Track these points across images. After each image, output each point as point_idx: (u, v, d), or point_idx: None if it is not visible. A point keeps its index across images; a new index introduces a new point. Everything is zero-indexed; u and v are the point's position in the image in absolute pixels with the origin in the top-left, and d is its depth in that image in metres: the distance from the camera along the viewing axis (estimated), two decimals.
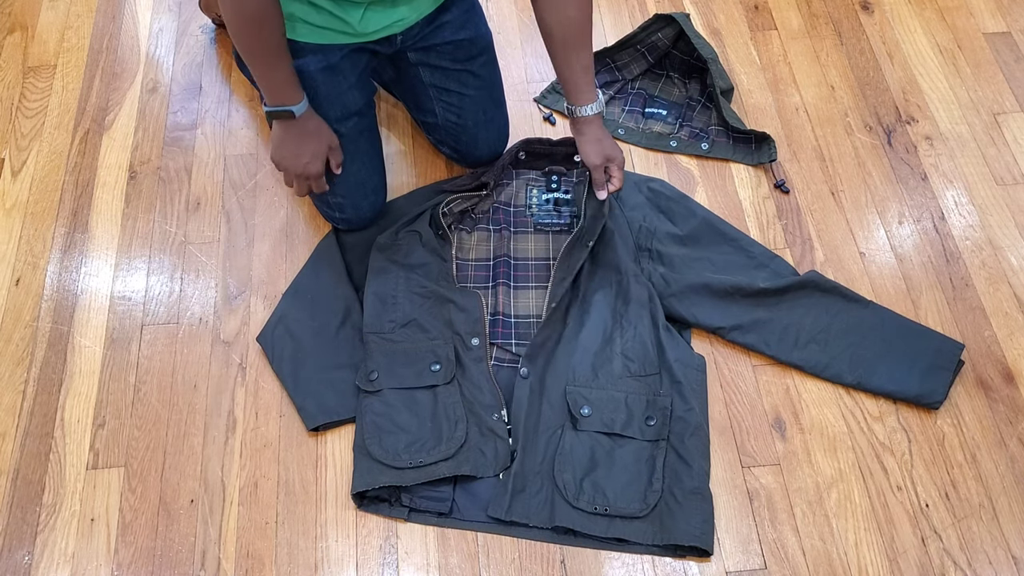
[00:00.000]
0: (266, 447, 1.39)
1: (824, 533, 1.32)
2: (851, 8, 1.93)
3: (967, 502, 1.34)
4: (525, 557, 1.30)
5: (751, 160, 1.69)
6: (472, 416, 1.36)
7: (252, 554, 1.30)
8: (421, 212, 1.55)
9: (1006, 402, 1.43)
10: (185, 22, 1.90)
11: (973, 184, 1.67)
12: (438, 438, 1.34)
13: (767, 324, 1.46)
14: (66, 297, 1.54)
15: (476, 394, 1.37)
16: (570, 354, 1.42)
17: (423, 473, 1.31)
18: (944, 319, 1.51)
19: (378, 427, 1.36)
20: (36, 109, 1.77)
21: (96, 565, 1.29)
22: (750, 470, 1.37)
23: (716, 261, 1.52)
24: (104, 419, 1.41)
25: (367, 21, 1.35)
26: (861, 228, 1.62)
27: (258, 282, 1.55)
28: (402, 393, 1.39)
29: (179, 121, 1.75)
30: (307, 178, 1.43)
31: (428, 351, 1.41)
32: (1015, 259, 1.58)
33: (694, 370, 1.41)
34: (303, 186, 1.45)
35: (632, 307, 1.44)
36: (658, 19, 1.75)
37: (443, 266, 1.50)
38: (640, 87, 1.80)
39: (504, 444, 1.34)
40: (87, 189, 1.66)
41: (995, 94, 1.79)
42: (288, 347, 1.45)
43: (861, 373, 1.42)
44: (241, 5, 1.22)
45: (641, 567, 1.29)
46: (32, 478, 1.36)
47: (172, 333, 1.50)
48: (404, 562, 1.30)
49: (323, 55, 1.38)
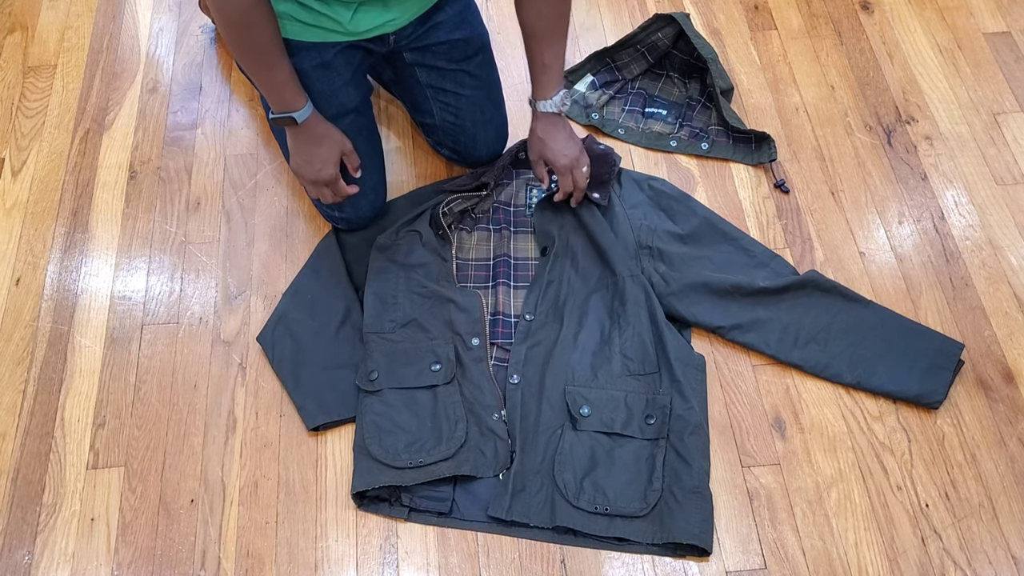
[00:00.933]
0: (266, 447, 1.39)
1: (824, 533, 1.32)
2: (851, 8, 1.93)
3: (967, 502, 1.34)
4: (525, 557, 1.30)
5: (751, 160, 1.69)
6: (472, 416, 1.36)
7: (252, 554, 1.30)
8: (421, 212, 1.55)
9: (1006, 402, 1.43)
10: (185, 22, 1.90)
11: (973, 184, 1.67)
12: (438, 438, 1.34)
13: (767, 323, 1.46)
14: (66, 297, 1.54)
15: (476, 394, 1.37)
16: (568, 354, 1.42)
17: (423, 473, 1.31)
18: (944, 319, 1.51)
19: (378, 427, 1.36)
20: (36, 109, 1.77)
21: (96, 565, 1.30)
22: (750, 470, 1.37)
23: (716, 260, 1.52)
24: (104, 419, 1.41)
25: (357, 21, 1.35)
26: (861, 228, 1.62)
27: (258, 282, 1.55)
28: (402, 393, 1.39)
29: (179, 121, 1.75)
30: (324, 184, 1.42)
31: (428, 351, 1.42)
32: (1015, 259, 1.58)
33: (694, 369, 1.41)
34: (325, 193, 1.44)
35: (629, 307, 1.44)
36: (658, 19, 1.75)
37: (443, 266, 1.50)
38: (640, 87, 1.80)
39: (504, 444, 1.34)
40: (87, 189, 1.66)
41: (995, 94, 1.79)
42: (288, 347, 1.45)
43: (861, 373, 1.42)
44: (226, 10, 1.21)
45: (641, 567, 1.29)
46: (32, 478, 1.36)
47: (172, 333, 1.50)
48: (404, 562, 1.30)
49: (316, 52, 1.38)
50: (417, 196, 1.62)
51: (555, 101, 1.42)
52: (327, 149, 1.40)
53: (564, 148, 1.45)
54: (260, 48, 1.27)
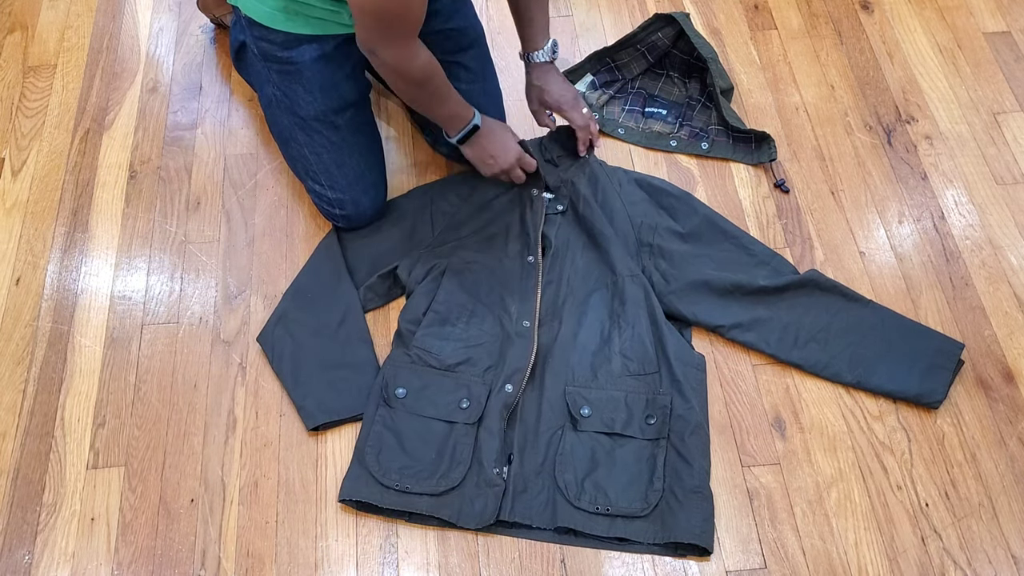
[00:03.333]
0: (266, 447, 1.39)
1: (824, 532, 1.32)
2: (851, 8, 1.93)
3: (967, 501, 1.34)
4: (525, 557, 1.30)
5: (751, 160, 1.69)
6: (475, 464, 1.32)
7: (252, 553, 1.30)
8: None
9: (1006, 402, 1.43)
10: (185, 22, 1.90)
11: (973, 183, 1.67)
12: (433, 471, 1.31)
13: (767, 322, 1.46)
14: (66, 297, 1.54)
15: (487, 440, 1.33)
16: (568, 354, 1.42)
17: (404, 500, 1.29)
18: (944, 318, 1.51)
19: (382, 440, 1.34)
20: (36, 109, 1.77)
21: (96, 564, 1.30)
22: (750, 469, 1.37)
23: (717, 258, 1.52)
24: (104, 418, 1.41)
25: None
26: (861, 228, 1.62)
27: (258, 282, 1.55)
28: (420, 419, 1.36)
29: (179, 121, 1.75)
30: (517, 162, 1.50)
31: (463, 385, 1.38)
32: (1015, 258, 1.58)
33: (694, 369, 1.41)
34: (518, 172, 1.52)
35: (629, 307, 1.44)
36: (658, 19, 1.75)
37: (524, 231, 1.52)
38: (640, 87, 1.80)
39: (495, 500, 1.29)
40: (87, 189, 1.66)
41: (995, 94, 1.79)
42: (288, 346, 1.45)
43: (861, 372, 1.42)
44: (408, 74, 1.30)
45: (641, 567, 1.29)
46: (32, 477, 1.36)
47: (172, 333, 1.50)
48: (404, 562, 1.30)
49: (317, 44, 1.39)
50: (420, 195, 1.62)
51: (546, 50, 1.51)
52: (504, 131, 1.50)
53: (563, 90, 1.54)
54: (437, 92, 1.37)
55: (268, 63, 1.45)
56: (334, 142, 1.49)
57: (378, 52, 1.27)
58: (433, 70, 1.33)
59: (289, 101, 1.46)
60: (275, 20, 1.38)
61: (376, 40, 1.26)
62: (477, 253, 1.51)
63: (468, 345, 1.42)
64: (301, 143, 1.50)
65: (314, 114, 1.46)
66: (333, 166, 1.50)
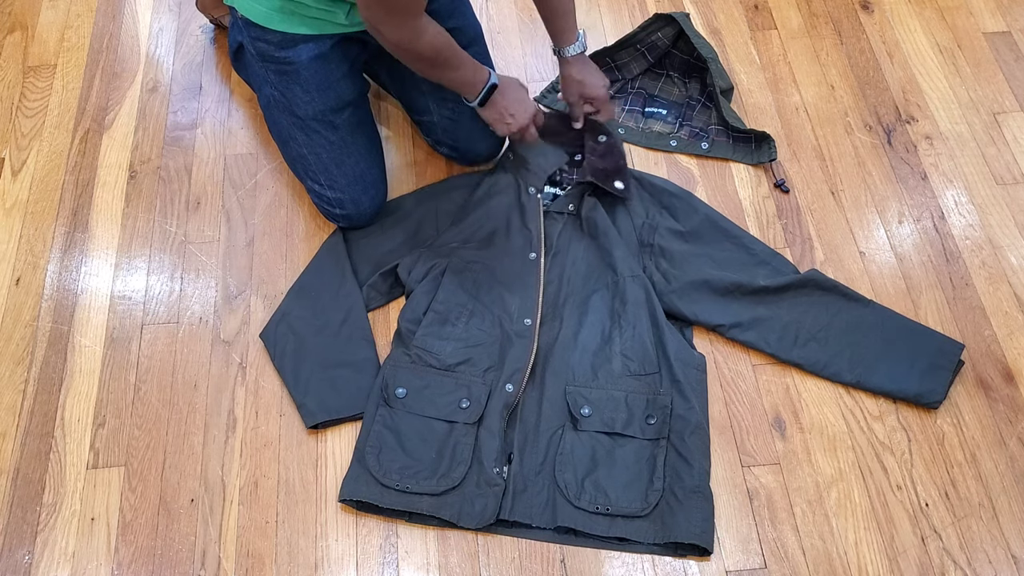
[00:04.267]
0: (266, 446, 1.39)
1: (824, 532, 1.32)
2: (851, 8, 1.93)
3: (967, 501, 1.34)
4: (525, 556, 1.30)
5: (751, 159, 1.69)
6: (476, 464, 1.32)
7: (252, 553, 1.30)
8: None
9: (1006, 402, 1.43)
10: (185, 22, 1.90)
11: (973, 183, 1.67)
12: (434, 471, 1.31)
13: (767, 322, 1.46)
14: (66, 297, 1.54)
15: (487, 440, 1.33)
16: (569, 354, 1.42)
17: (404, 500, 1.30)
18: (944, 318, 1.51)
19: (382, 440, 1.34)
20: (36, 109, 1.77)
21: (96, 564, 1.30)
22: (750, 469, 1.37)
23: (717, 257, 1.52)
24: (104, 418, 1.41)
25: (354, 15, 1.38)
26: (861, 227, 1.62)
27: (258, 281, 1.55)
28: (421, 418, 1.37)
29: (179, 121, 1.76)
30: (533, 119, 1.50)
31: (463, 385, 1.38)
32: (1015, 258, 1.58)
33: (694, 369, 1.41)
34: (533, 131, 1.52)
35: (630, 307, 1.44)
36: (658, 18, 1.75)
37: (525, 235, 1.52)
38: (640, 86, 1.80)
39: (495, 500, 1.29)
40: (87, 189, 1.66)
41: (995, 94, 1.79)
42: (290, 344, 1.45)
43: (861, 372, 1.42)
44: (414, 50, 1.32)
45: (641, 566, 1.29)
46: (32, 477, 1.36)
47: (172, 332, 1.50)
48: (404, 561, 1.30)
49: (313, 44, 1.40)
50: (424, 196, 1.62)
51: (580, 43, 1.51)
52: (520, 87, 1.49)
53: (599, 80, 1.56)
54: (448, 63, 1.36)
55: (265, 63, 1.45)
56: (333, 142, 1.49)
57: (382, 30, 1.27)
58: (441, 44, 1.32)
59: (287, 101, 1.46)
60: (271, 20, 1.38)
61: (380, 19, 1.25)
62: (477, 252, 1.51)
63: (468, 345, 1.42)
64: (300, 143, 1.50)
65: (312, 114, 1.46)
66: (332, 165, 1.50)
